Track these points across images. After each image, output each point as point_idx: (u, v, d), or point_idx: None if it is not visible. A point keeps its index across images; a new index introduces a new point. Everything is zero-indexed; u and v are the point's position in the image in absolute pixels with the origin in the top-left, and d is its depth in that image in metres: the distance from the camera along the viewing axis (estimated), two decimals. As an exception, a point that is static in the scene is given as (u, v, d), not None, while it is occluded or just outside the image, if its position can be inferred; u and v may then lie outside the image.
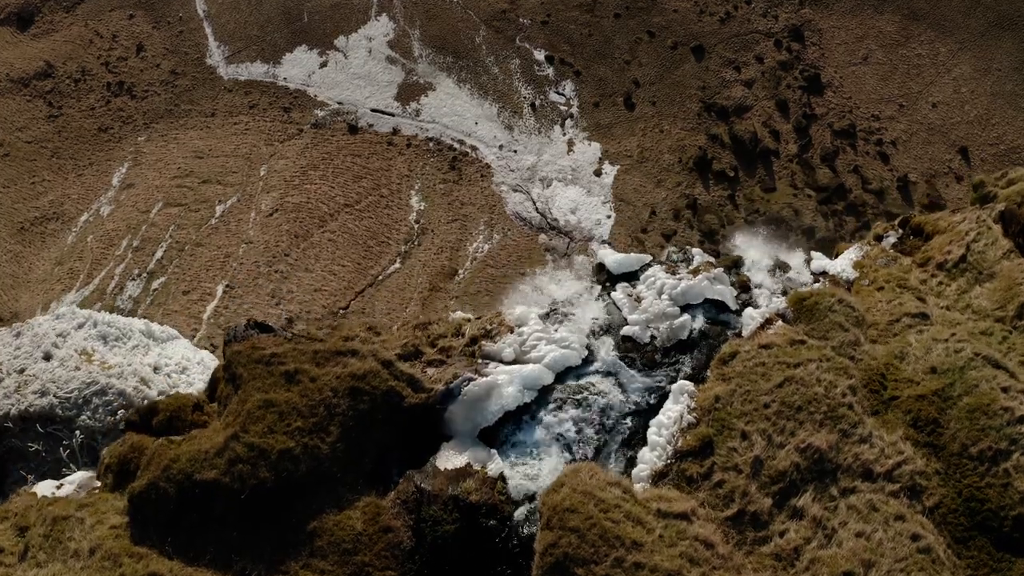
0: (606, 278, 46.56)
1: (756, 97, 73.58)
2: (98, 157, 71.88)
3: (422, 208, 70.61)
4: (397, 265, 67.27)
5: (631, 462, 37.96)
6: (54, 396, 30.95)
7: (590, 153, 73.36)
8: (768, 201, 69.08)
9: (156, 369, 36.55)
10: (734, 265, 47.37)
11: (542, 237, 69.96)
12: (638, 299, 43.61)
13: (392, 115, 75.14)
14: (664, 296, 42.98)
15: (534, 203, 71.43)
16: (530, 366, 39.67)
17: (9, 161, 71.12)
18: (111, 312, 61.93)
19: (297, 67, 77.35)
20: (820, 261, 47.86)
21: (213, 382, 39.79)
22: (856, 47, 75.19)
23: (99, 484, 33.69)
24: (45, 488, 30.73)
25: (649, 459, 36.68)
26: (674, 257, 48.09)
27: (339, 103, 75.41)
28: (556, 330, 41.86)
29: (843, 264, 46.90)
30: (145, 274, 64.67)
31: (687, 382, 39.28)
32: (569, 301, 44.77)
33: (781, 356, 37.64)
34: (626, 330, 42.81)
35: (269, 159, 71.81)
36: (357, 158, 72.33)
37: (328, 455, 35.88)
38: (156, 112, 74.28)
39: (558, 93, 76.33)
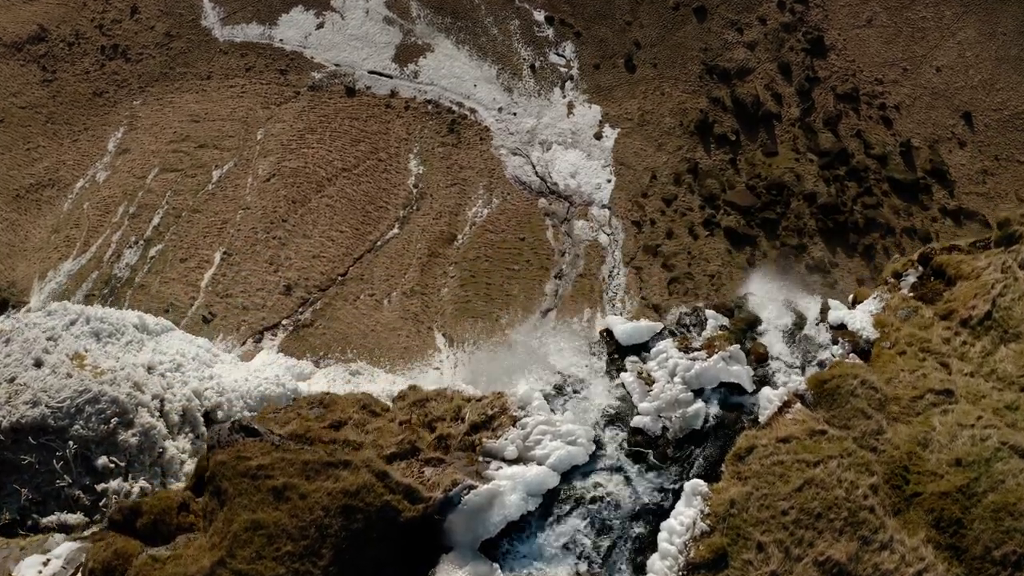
0: (614, 349, 43.37)
1: (758, 60, 72.69)
2: (93, 122, 71.08)
3: (421, 172, 70.02)
4: (396, 230, 66.83)
5: (640, 569, 36.16)
6: (46, 406, 30.46)
7: (590, 116, 72.64)
8: (769, 166, 68.48)
9: (150, 369, 36.08)
10: (749, 327, 44.56)
11: (542, 201, 69.47)
12: (649, 380, 40.70)
13: (390, 77, 74.28)
14: (677, 379, 40.07)
15: (533, 167, 70.85)
16: (534, 469, 37.33)
17: (3, 127, 70.33)
18: (107, 282, 61.72)
19: (293, 28, 76.28)
20: (838, 312, 45.15)
21: (199, 472, 36.88)
22: (860, 9, 74.12)
23: (84, 559, 32.40)
24: (30, 569, 29.59)
25: (660, 569, 35.12)
26: (686, 321, 44.73)
27: (336, 65, 74.50)
28: (561, 420, 38.93)
29: (862, 319, 44.29)
30: (142, 241, 64.25)
31: (700, 482, 37.25)
32: (577, 378, 41.93)
33: (800, 452, 36.02)
34: (637, 421, 39.96)
35: (266, 123, 71.08)
36: (355, 121, 71.61)
37: (320, 580, 33.71)
38: (151, 75, 73.35)
39: (558, 55, 75.44)
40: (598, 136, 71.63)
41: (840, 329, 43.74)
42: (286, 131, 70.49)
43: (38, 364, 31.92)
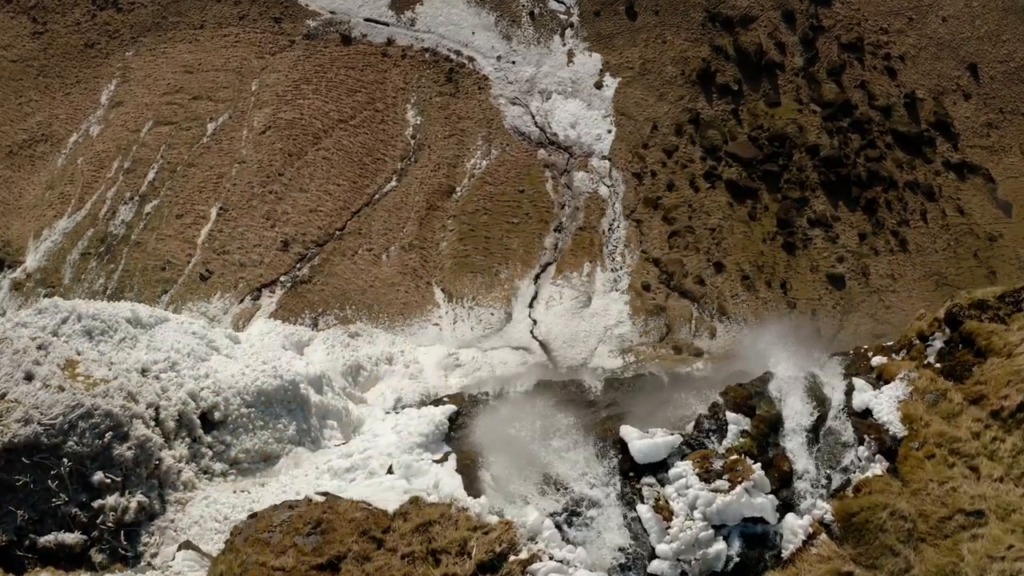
0: (629, 467, 39.77)
1: (762, 7, 71.35)
2: (85, 74, 69.88)
3: (418, 123, 69.15)
4: (393, 183, 66.16)
5: None
6: (38, 424, 29.96)
7: (590, 64, 71.54)
8: (772, 116, 67.62)
9: (144, 371, 35.60)
10: (772, 430, 41.52)
11: (541, 152, 68.71)
12: (667, 511, 37.59)
13: (386, 24, 72.94)
14: (697, 513, 37.00)
15: (533, 117, 69.97)
16: None
17: (-6, 81, 69.40)
18: (103, 240, 61.16)
19: (287, -26, 74.77)
20: (863, 395, 42.55)
21: None
22: (866, -45, 72.65)
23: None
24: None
25: None
26: (705, 426, 41.09)
27: (331, 12, 73.05)
28: (573, 557, 35.36)
29: (889, 407, 41.61)
30: (137, 197, 63.54)
31: None
32: (590, 500, 38.65)
33: (825, 602, 34.17)
34: (655, 567, 36.52)
35: (260, 73, 69.95)
36: (351, 71, 70.49)
37: None
38: (143, 25, 71.93)
39: (558, 1, 74.03)
40: (598, 85, 70.63)
41: (866, 417, 41.51)
42: (281, 81, 69.41)
43: (29, 377, 31.38)
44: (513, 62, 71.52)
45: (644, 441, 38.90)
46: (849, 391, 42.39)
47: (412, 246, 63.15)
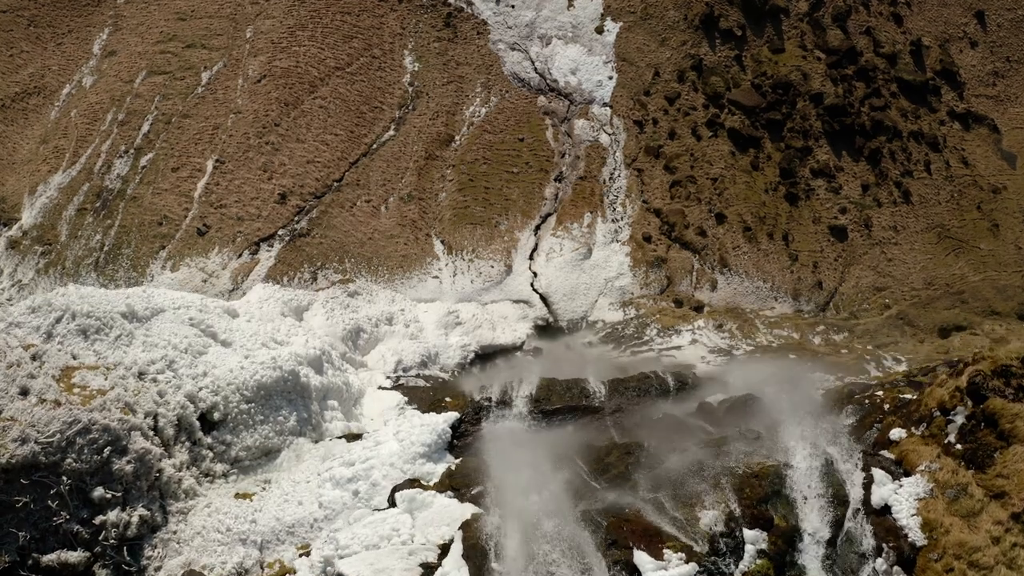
0: None
1: (766, -51, 69.82)
2: (77, 23, 68.56)
3: (416, 70, 68.14)
4: (392, 132, 65.38)
5: None
6: (35, 443, 29.55)
7: (591, 8, 70.31)
8: (776, 63, 66.52)
9: (141, 375, 35.18)
10: (789, 545, 39.01)
11: (541, 99, 67.86)
12: None
13: (383, -33, 71.47)
14: None
15: (532, 63, 68.94)
16: None
17: (-16, 33, 68.09)
18: (99, 195, 60.43)
19: (281, -85, 73.00)
20: (883, 490, 40.21)
21: None
22: None
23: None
24: None
25: None
26: (721, 545, 38.12)
27: (327, -45, 71.52)
28: None
29: (908, 507, 39.56)
30: (132, 150, 62.65)
31: None
32: None
33: None
34: None
35: (254, 19, 68.68)
36: (347, 16, 69.20)
37: None
38: (134, -30, 70.58)
39: (557, -58, 72.43)
40: (599, 30, 69.43)
41: (884, 515, 39.29)
42: (276, 28, 68.15)
43: (24, 392, 30.93)
44: (512, 6, 70.23)
45: (659, 574, 36.24)
46: (868, 483, 40.53)
47: (411, 197, 62.53)
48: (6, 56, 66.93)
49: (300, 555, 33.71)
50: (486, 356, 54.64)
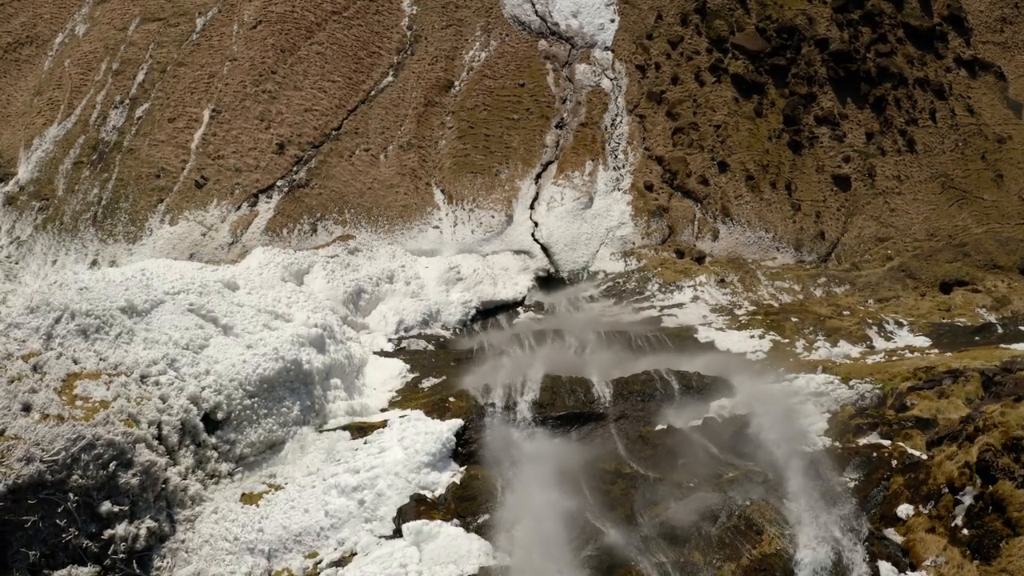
0: None
1: None
2: (67, -32, 67.31)
3: (414, 12, 67.00)
4: (390, 78, 64.50)
5: None
6: (40, 461, 29.42)
7: (592, -52, 68.88)
8: (781, 7, 65.35)
9: (143, 379, 34.87)
10: None
11: (542, 43, 66.85)
12: None
13: (379, -95, 69.84)
14: None
15: (533, 5, 67.79)
16: None
17: (-27, -20, 66.68)
18: (95, 147, 59.71)
19: None
20: None
21: None
22: None
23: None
24: None
25: None
26: None
27: None
28: None
29: None
30: (128, 101, 61.76)
31: None
32: None
33: None
34: None
35: (250, -39, 67.28)
36: (344, -43, 67.82)
37: None
38: (125, -90, 68.84)
39: None
40: (601, -29, 68.14)
41: None
42: (271, -30, 66.83)
43: (26, 408, 30.68)
44: (512, -54, 68.77)
45: None
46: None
47: (410, 145, 61.89)
48: (-3, 5, 65.83)
49: None
50: (487, 312, 54.68)
